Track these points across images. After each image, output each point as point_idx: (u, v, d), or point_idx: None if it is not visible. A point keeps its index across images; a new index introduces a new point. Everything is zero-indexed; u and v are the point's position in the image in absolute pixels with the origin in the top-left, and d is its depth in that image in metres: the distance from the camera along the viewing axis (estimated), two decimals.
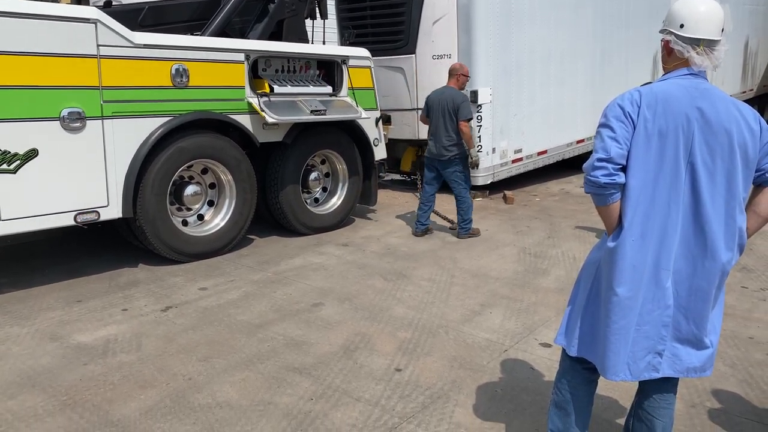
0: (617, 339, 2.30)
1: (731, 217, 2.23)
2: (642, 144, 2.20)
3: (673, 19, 2.29)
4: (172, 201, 5.72)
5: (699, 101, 2.21)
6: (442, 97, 6.57)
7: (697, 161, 2.20)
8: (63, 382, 3.51)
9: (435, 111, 6.58)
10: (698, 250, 2.24)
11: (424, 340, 4.10)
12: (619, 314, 2.29)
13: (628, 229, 2.25)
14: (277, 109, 6.04)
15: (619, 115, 2.22)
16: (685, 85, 2.24)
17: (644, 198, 2.23)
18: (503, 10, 8.49)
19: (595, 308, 2.41)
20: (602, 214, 2.32)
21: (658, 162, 2.20)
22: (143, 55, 5.19)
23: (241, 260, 5.88)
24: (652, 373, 2.34)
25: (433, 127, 6.64)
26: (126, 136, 5.14)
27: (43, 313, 4.52)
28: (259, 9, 6.73)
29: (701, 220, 2.22)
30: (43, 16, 4.61)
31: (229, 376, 3.59)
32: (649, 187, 2.22)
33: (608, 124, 2.24)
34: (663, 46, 2.36)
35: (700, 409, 3.25)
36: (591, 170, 2.23)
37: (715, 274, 2.25)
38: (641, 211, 2.23)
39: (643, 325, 2.30)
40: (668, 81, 2.29)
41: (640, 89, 2.27)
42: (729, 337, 4.15)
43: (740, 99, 16.57)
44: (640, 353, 2.32)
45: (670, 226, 2.23)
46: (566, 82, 9.71)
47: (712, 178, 2.21)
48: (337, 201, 7.15)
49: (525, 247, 6.39)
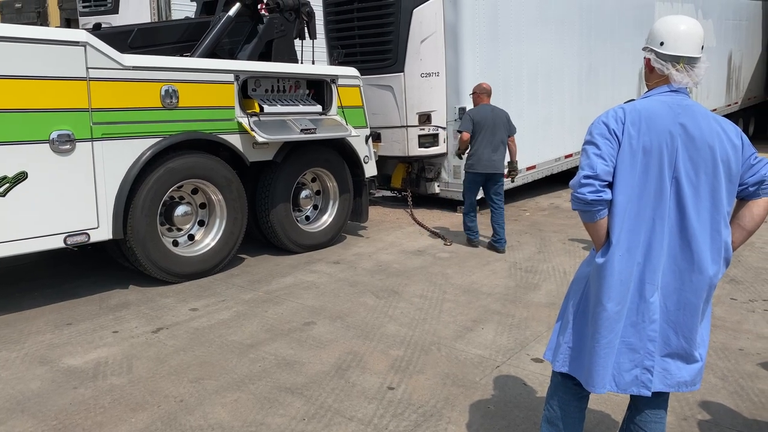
0: (606, 353, 2.32)
1: (717, 231, 2.27)
2: (627, 160, 2.24)
3: (654, 37, 2.35)
4: (163, 221, 5.71)
5: (682, 117, 2.25)
6: (494, 114, 6.90)
7: (681, 177, 2.24)
8: (53, 406, 3.48)
9: (488, 127, 6.82)
10: (685, 264, 2.27)
11: (416, 358, 4.10)
12: (607, 329, 2.31)
13: (615, 245, 2.28)
14: (267, 128, 6.07)
15: (604, 132, 2.26)
16: (668, 102, 2.29)
17: (630, 213, 2.26)
18: (490, 28, 8.60)
19: (583, 324, 2.43)
20: (590, 230, 2.35)
21: (643, 178, 2.24)
22: (133, 77, 5.21)
23: (232, 280, 5.87)
24: (641, 389, 2.35)
25: (485, 143, 6.83)
26: (116, 158, 5.14)
27: (33, 337, 4.49)
28: (249, 30, 6.79)
29: (687, 234, 2.26)
30: (33, 39, 4.63)
31: (221, 397, 3.57)
32: (634, 203, 2.25)
33: (594, 141, 2.28)
34: (645, 64, 2.42)
35: (691, 422, 3.26)
36: (578, 187, 2.26)
37: (702, 287, 2.28)
38: (627, 226, 2.27)
39: (627, 337, 2.33)
40: (651, 98, 2.34)
41: (624, 106, 2.32)
42: (719, 349, 4.18)
43: (725, 112, 16.80)
44: (625, 365, 2.34)
45: (656, 240, 2.27)
46: (553, 98, 9.81)
47: (696, 193, 2.25)
48: (328, 219, 7.16)
49: (516, 262, 6.42)
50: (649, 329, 2.31)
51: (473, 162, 6.89)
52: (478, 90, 7.13)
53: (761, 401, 3.48)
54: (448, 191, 8.88)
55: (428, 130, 8.65)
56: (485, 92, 7.09)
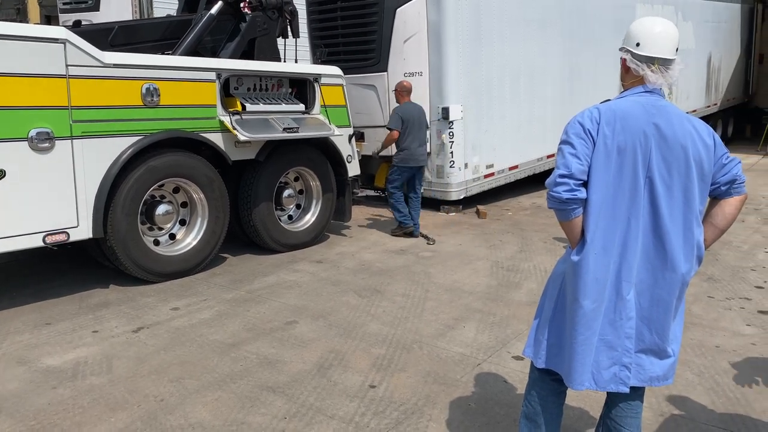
0: (583, 350, 2.35)
1: (689, 230, 2.31)
2: (602, 160, 2.27)
3: (631, 38, 2.39)
4: (144, 220, 5.67)
5: (656, 118, 2.29)
6: (418, 111, 7.43)
7: (654, 176, 2.27)
8: (31, 406, 3.44)
9: (415, 124, 7.33)
10: (658, 261, 2.31)
11: (398, 356, 4.11)
12: (584, 326, 2.34)
13: (590, 243, 2.31)
14: (249, 127, 6.05)
15: (579, 132, 2.30)
16: (642, 103, 2.32)
17: (605, 212, 2.29)
18: (473, 29, 8.64)
19: (561, 320, 2.46)
20: (565, 228, 2.38)
21: (617, 177, 2.27)
22: (113, 75, 5.17)
23: (214, 279, 5.84)
24: (619, 386, 2.38)
25: (414, 139, 7.36)
26: (96, 156, 5.10)
27: (11, 337, 4.44)
28: (231, 28, 6.76)
29: (660, 232, 2.29)
30: (11, 36, 4.58)
31: (202, 396, 3.56)
32: (609, 202, 2.29)
33: (569, 141, 2.31)
34: (621, 64, 2.45)
35: (667, 418, 3.31)
36: (553, 186, 2.29)
37: (675, 284, 2.32)
38: (602, 225, 2.30)
39: (605, 335, 2.35)
40: (626, 99, 2.38)
41: (599, 107, 2.35)
42: (695, 346, 4.25)
43: (704, 113, 16.97)
44: (604, 362, 2.37)
45: (631, 239, 2.30)
46: (536, 98, 9.89)
47: (669, 192, 2.28)
48: (311, 218, 7.16)
49: (498, 261, 6.46)
50: (626, 326, 2.34)
51: (406, 157, 7.40)
52: (400, 88, 7.52)
53: (736, 397, 3.54)
54: (432, 191, 8.90)
55: None
56: (406, 90, 7.50)
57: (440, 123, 8.55)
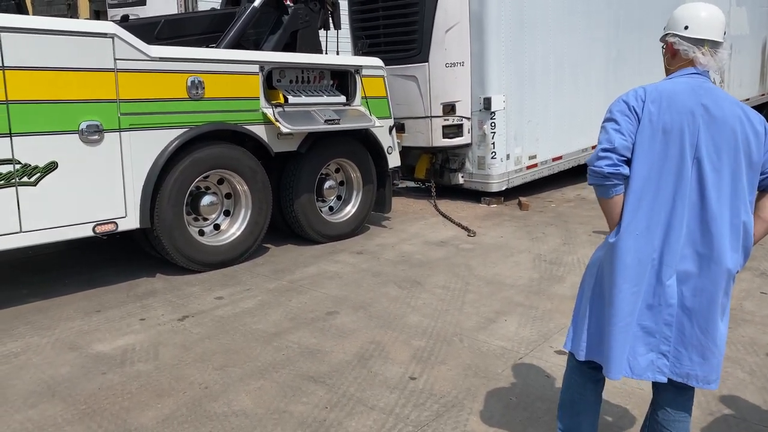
0: (623, 337, 2.29)
1: (736, 216, 2.22)
2: (647, 138, 2.22)
3: (677, 22, 2.36)
4: (189, 211, 5.78)
5: (704, 98, 2.23)
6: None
7: (703, 157, 2.20)
8: (82, 391, 3.57)
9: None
10: (704, 248, 2.22)
11: (438, 348, 4.10)
12: (625, 310, 2.28)
13: (631, 223, 2.25)
14: (291, 119, 6.09)
15: (623, 110, 2.27)
16: (690, 83, 2.28)
17: (648, 191, 2.24)
18: (515, 17, 8.50)
19: (600, 308, 2.40)
20: (604, 207, 2.34)
21: (663, 156, 2.22)
22: (159, 68, 5.27)
23: (257, 269, 5.93)
24: (656, 374, 2.31)
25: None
26: (143, 148, 5.22)
27: (63, 323, 4.60)
28: (273, 20, 6.80)
29: (707, 216, 2.21)
30: (62, 31, 4.71)
31: (245, 384, 3.62)
32: (653, 181, 2.23)
33: (613, 117, 2.28)
34: (666, 49, 2.41)
35: (718, 417, 3.22)
36: (595, 160, 2.26)
37: (720, 275, 2.22)
38: (646, 204, 2.24)
39: (643, 320, 2.29)
40: (673, 80, 2.34)
41: (644, 86, 2.32)
42: (748, 343, 4.11)
43: (758, 102, 16.39)
44: (640, 349, 2.30)
45: (676, 220, 2.23)
46: (580, 88, 9.68)
47: (718, 175, 2.20)
48: (351, 209, 7.18)
49: (540, 254, 6.37)
50: (666, 313, 2.27)
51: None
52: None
53: None
54: (472, 182, 8.83)
55: (452, 120, 8.60)
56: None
57: (482, 113, 8.45)
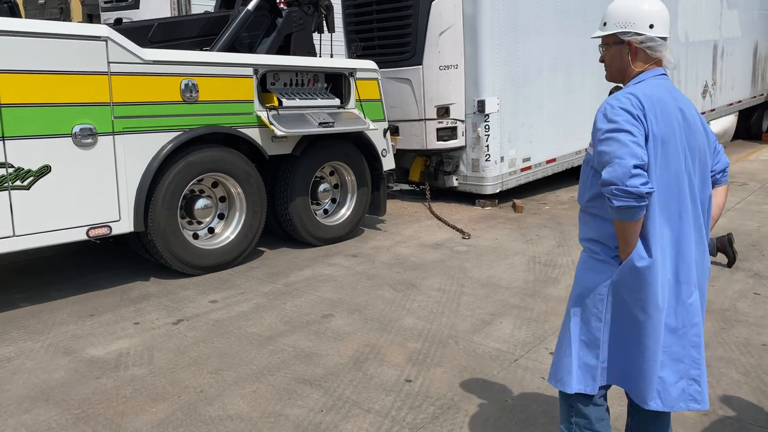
0: (652, 365, 2.12)
1: (707, 222, 2.21)
2: (651, 150, 2.04)
3: (641, 20, 2.16)
4: (183, 215, 5.77)
5: (679, 102, 2.13)
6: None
7: (689, 165, 2.11)
8: (76, 395, 3.54)
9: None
10: (699, 257, 2.17)
11: (434, 351, 4.10)
12: (654, 339, 2.11)
13: (657, 244, 2.06)
14: (285, 122, 6.09)
15: (629, 119, 2.01)
16: (665, 86, 2.15)
17: (660, 208, 2.08)
18: (509, 20, 8.52)
19: (620, 335, 2.19)
20: (627, 231, 2.04)
21: (665, 168, 2.06)
22: (153, 71, 5.26)
23: (252, 272, 5.91)
24: (690, 404, 2.13)
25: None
26: (137, 151, 5.20)
27: (57, 328, 4.57)
28: (267, 24, 6.81)
29: (699, 224, 2.15)
30: (55, 34, 4.69)
31: (240, 388, 3.61)
32: (662, 196, 2.07)
33: (623, 128, 1.99)
34: (628, 48, 2.20)
35: (713, 418, 3.22)
36: (627, 179, 1.91)
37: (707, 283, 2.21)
38: (659, 222, 2.08)
39: (669, 346, 2.12)
40: (648, 82, 2.15)
41: (632, 92, 2.10)
42: (742, 344, 4.12)
43: (750, 104, 16.46)
44: (670, 378, 2.13)
45: (684, 237, 2.10)
46: (574, 90, 9.71)
47: (701, 181, 2.15)
48: (346, 212, 7.18)
49: (535, 256, 6.38)
50: (691, 334, 2.11)
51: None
52: None
53: None
54: (467, 185, 8.84)
55: (447, 123, 8.61)
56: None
57: (476, 116, 8.47)
